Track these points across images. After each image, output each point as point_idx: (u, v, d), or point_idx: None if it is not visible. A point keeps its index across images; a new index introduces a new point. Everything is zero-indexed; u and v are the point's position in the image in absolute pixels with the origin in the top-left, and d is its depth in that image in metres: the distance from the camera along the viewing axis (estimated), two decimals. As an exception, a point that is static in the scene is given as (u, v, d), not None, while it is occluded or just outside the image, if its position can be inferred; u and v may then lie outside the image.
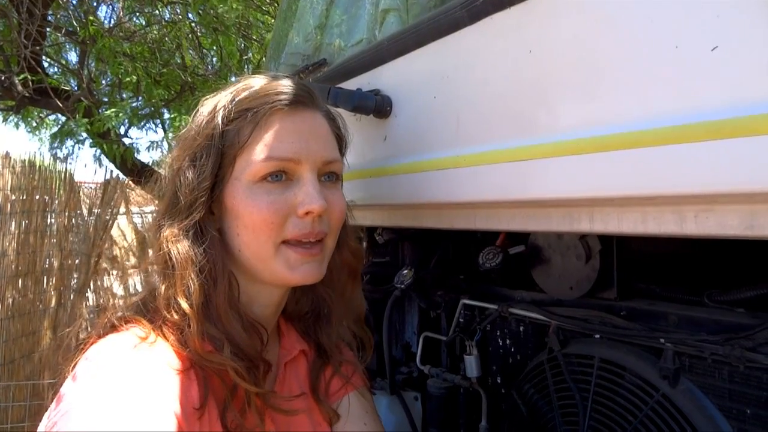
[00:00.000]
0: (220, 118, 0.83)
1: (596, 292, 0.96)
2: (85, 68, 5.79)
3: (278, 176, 0.82)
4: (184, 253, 0.79)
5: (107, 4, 6.17)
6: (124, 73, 5.51)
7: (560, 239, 1.02)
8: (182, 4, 5.93)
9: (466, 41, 0.90)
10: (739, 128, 0.55)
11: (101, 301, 3.89)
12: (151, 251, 0.88)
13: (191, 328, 0.76)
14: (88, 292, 3.74)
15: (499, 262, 1.09)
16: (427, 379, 1.25)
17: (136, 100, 6.31)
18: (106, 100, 6.12)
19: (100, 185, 3.96)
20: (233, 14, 5.58)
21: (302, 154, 0.82)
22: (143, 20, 6.38)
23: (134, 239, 4.86)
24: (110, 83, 6.35)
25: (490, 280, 1.18)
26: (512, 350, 1.11)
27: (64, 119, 6.89)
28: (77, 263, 3.64)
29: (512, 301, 1.11)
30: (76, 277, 3.64)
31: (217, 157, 0.82)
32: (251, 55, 6.75)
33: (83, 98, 5.31)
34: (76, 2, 5.79)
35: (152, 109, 6.35)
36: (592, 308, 0.95)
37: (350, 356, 1.04)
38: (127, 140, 6.40)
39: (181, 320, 0.77)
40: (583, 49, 0.71)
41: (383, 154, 1.13)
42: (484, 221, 0.97)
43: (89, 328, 0.82)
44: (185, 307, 0.77)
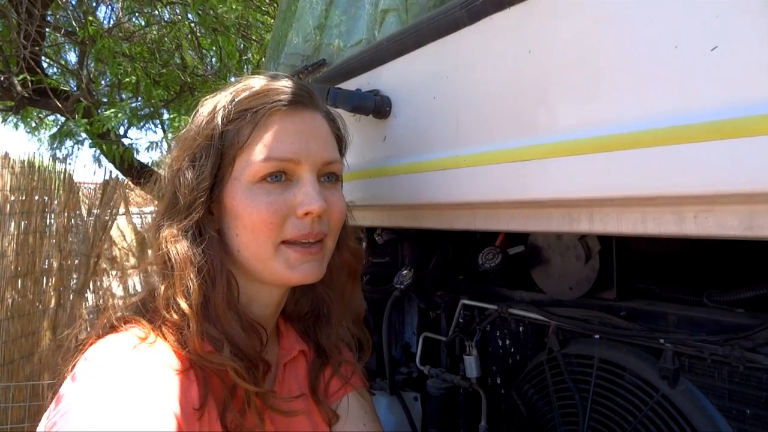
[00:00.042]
0: (219, 118, 0.83)
1: (596, 292, 0.96)
2: (84, 69, 5.78)
3: (278, 177, 0.82)
4: (183, 253, 0.79)
5: (106, 4, 6.18)
6: (123, 73, 5.51)
7: (560, 239, 1.02)
8: (181, 4, 5.93)
9: (465, 41, 0.90)
10: (738, 128, 0.55)
11: (101, 301, 3.88)
12: (150, 251, 0.88)
13: (191, 328, 0.76)
14: (87, 292, 3.73)
15: (498, 262, 1.09)
16: (426, 379, 1.25)
17: (135, 100, 6.29)
18: (105, 100, 6.10)
19: (99, 186, 3.95)
20: (233, 14, 5.59)
21: (302, 154, 0.82)
22: (142, 20, 6.38)
23: (134, 240, 4.85)
24: (109, 84, 6.34)
25: (489, 280, 1.18)
26: (512, 350, 1.11)
27: (63, 120, 6.87)
28: (77, 264, 3.63)
29: (512, 301, 1.11)
30: (75, 277, 3.63)
31: (216, 157, 0.82)
32: (251, 55, 6.75)
33: (82, 99, 5.31)
34: (75, 2, 5.80)
35: (152, 109, 6.34)
36: (591, 308, 0.95)
37: (349, 357, 1.04)
38: (126, 141, 6.39)
39: (180, 320, 0.77)
40: (582, 49, 0.71)
41: (383, 154, 1.12)
42: (483, 221, 0.97)
43: (89, 328, 0.82)
44: (184, 307, 0.77)
